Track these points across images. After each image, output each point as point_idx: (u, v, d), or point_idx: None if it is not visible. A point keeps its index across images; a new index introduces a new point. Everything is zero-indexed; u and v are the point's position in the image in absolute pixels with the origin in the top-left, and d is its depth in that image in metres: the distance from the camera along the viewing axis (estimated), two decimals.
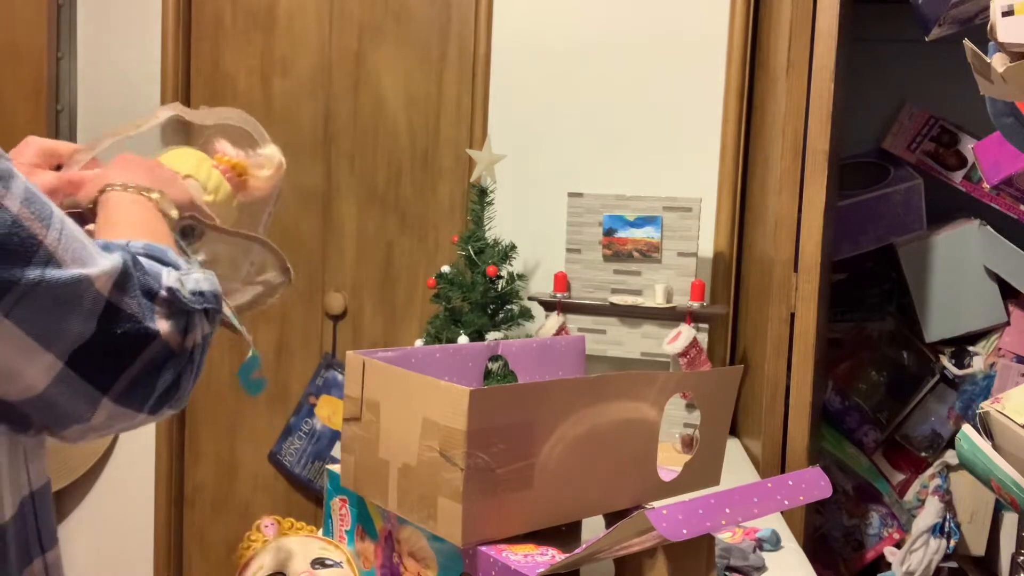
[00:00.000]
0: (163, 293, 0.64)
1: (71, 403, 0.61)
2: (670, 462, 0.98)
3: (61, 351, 0.59)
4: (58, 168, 0.88)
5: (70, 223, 0.61)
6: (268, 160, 0.99)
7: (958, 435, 1.10)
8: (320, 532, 1.04)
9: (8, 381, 0.59)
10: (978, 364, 1.97)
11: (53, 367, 0.59)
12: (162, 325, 0.64)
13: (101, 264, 0.61)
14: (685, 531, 0.67)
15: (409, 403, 0.82)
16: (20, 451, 0.65)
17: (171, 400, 0.66)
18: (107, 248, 0.64)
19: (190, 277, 0.68)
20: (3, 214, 0.56)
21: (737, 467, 1.64)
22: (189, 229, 0.90)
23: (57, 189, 0.84)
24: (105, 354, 0.61)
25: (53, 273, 0.58)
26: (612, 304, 1.75)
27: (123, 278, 0.62)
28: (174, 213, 0.81)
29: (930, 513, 1.87)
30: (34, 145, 0.86)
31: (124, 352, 0.62)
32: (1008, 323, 1.98)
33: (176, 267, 0.68)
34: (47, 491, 0.70)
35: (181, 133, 0.99)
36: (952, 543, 1.85)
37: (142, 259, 0.65)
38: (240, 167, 0.97)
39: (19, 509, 0.65)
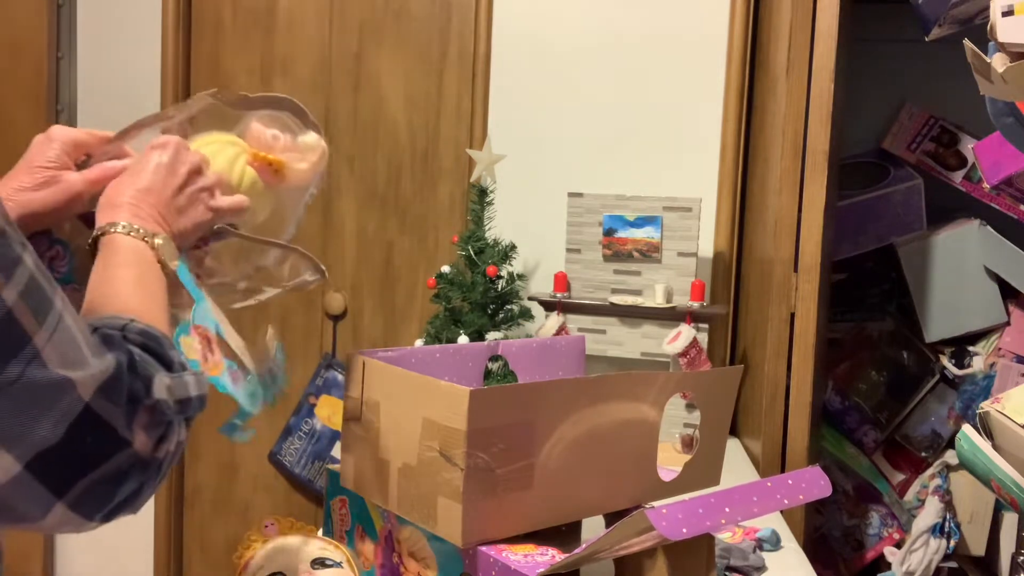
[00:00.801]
0: (147, 402, 0.60)
1: (23, 504, 0.56)
2: (670, 462, 0.98)
3: (21, 454, 0.54)
4: (87, 158, 0.85)
5: (70, 317, 0.57)
6: (309, 149, 0.96)
7: (958, 435, 1.10)
8: (320, 532, 1.04)
9: None
10: (978, 364, 1.97)
11: (10, 469, 0.54)
12: (138, 435, 0.59)
13: (91, 367, 0.57)
14: (685, 531, 0.67)
15: (409, 403, 0.82)
16: None
17: (128, 508, 0.62)
18: (107, 344, 0.60)
19: (181, 381, 0.64)
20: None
21: (737, 467, 1.64)
22: (215, 234, 0.89)
23: (83, 193, 0.82)
24: (68, 460, 0.56)
25: (34, 372, 0.54)
26: (612, 304, 1.75)
27: (111, 383, 0.58)
28: (173, 266, 0.78)
29: (930, 513, 1.87)
30: (59, 140, 0.82)
31: (88, 460, 0.57)
32: (1008, 323, 1.98)
33: (169, 367, 0.64)
34: None
35: (216, 117, 0.95)
36: (952, 543, 1.85)
37: (138, 358, 0.61)
38: (277, 164, 0.94)
39: None
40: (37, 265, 0.56)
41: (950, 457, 1.95)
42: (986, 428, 1.06)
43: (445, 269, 1.86)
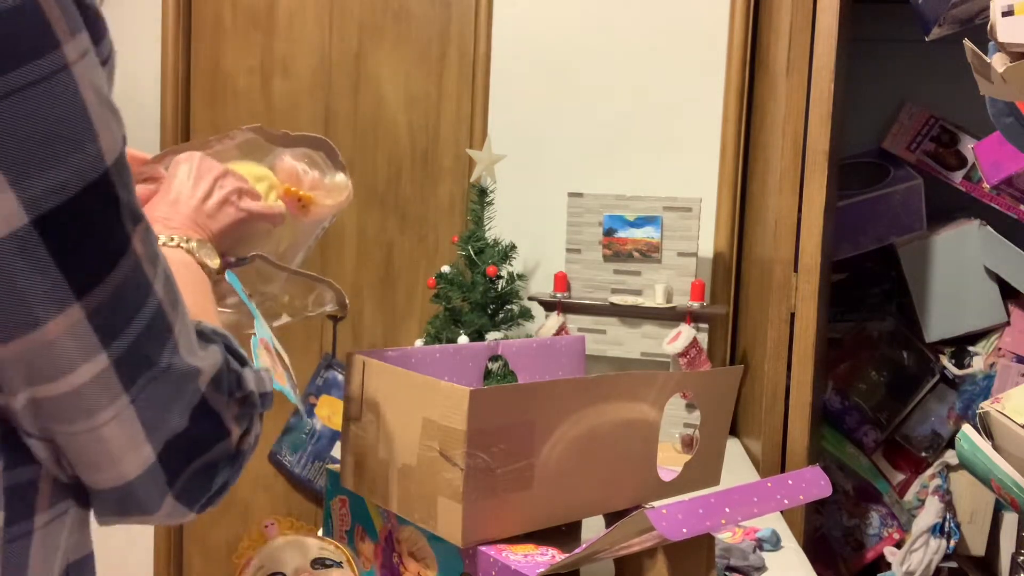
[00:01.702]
0: (240, 394, 0.61)
1: (147, 495, 0.56)
2: (670, 462, 0.98)
3: (157, 443, 0.55)
4: None
5: (187, 311, 0.58)
6: (336, 190, 0.98)
7: (958, 435, 1.10)
8: (320, 532, 1.04)
9: (102, 470, 0.54)
10: (978, 364, 1.97)
11: (147, 460, 0.55)
12: (231, 426, 0.61)
13: (208, 358, 0.58)
14: (685, 531, 0.67)
15: (409, 403, 0.82)
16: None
17: (218, 499, 0.63)
18: (207, 339, 0.60)
19: (261, 377, 0.65)
20: (153, 297, 0.53)
21: (737, 467, 1.64)
22: (239, 260, 0.90)
23: None
24: (184, 450, 0.57)
25: (177, 361, 0.55)
26: (612, 304, 1.75)
27: (220, 374, 0.59)
28: (214, 264, 0.79)
29: (930, 513, 1.87)
30: None
31: (198, 450, 0.58)
32: (1008, 323, 1.98)
33: (244, 362, 0.65)
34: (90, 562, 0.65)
35: (251, 149, 0.97)
36: (952, 543, 1.86)
37: (229, 354, 0.62)
38: (306, 199, 0.95)
39: None
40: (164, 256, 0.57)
41: (950, 457, 1.95)
42: (986, 428, 1.06)
43: (445, 269, 1.86)
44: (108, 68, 0.52)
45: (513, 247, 1.85)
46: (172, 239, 0.77)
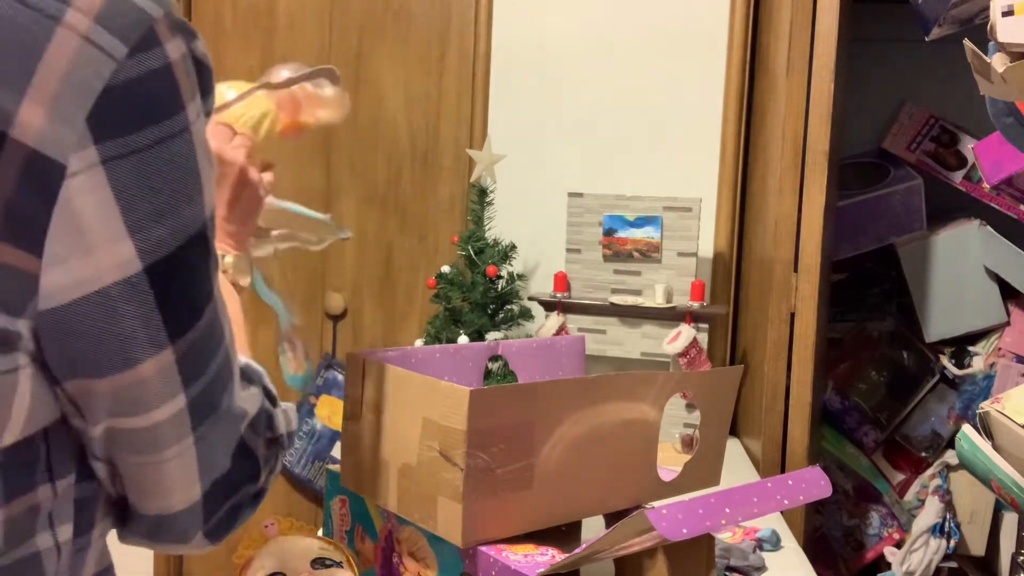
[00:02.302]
0: (270, 435, 0.63)
1: (184, 528, 0.58)
2: (670, 462, 0.98)
3: (207, 482, 0.56)
4: None
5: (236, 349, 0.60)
6: (332, 102, 0.96)
7: (958, 435, 1.10)
8: (320, 532, 1.04)
9: (153, 498, 0.56)
10: (978, 364, 1.97)
11: (195, 497, 0.56)
12: (263, 466, 0.62)
13: (249, 400, 0.60)
14: (685, 531, 0.67)
15: (409, 403, 0.82)
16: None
17: (231, 533, 0.64)
18: (248, 380, 0.62)
19: (288, 415, 0.67)
20: (224, 343, 0.55)
21: (737, 467, 1.64)
22: None
23: None
24: (224, 491, 0.58)
25: (233, 404, 0.57)
26: (612, 304, 1.75)
27: (257, 419, 0.61)
28: (245, 283, 0.80)
29: (930, 513, 1.87)
30: None
31: (234, 489, 0.59)
32: (1008, 323, 1.98)
33: (274, 403, 0.66)
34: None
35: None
36: (952, 543, 1.85)
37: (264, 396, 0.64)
38: (305, 125, 0.93)
39: None
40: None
41: (950, 457, 1.95)
42: (986, 428, 1.06)
43: (445, 269, 1.86)
44: (209, 120, 0.55)
45: (513, 247, 1.84)
46: None
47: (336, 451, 2.19)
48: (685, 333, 1.67)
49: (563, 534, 0.89)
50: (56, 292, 0.47)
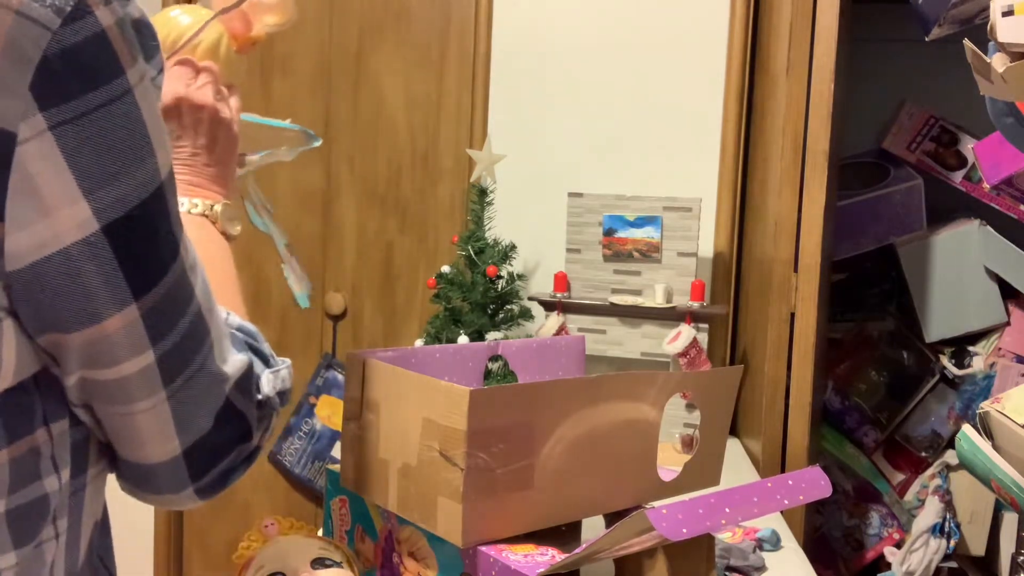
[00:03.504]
0: (259, 397, 0.64)
1: (167, 480, 0.61)
2: (670, 462, 0.98)
3: (184, 440, 0.59)
4: None
5: (218, 312, 0.61)
6: (277, 5, 0.94)
7: (958, 435, 1.10)
8: (320, 532, 1.04)
9: (132, 447, 0.59)
10: (978, 364, 1.97)
11: (173, 452, 0.59)
12: (255, 427, 0.64)
13: (234, 364, 0.61)
14: (685, 531, 0.67)
15: (409, 403, 0.82)
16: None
17: (225, 489, 0.66)
18: (236, 342, 0.64)
19: (280, 376, 0.67)
20: (195, 303, 0.57)
21: (737, 467, 1.64)
22: None
23: None
24: (211, 449, 0.61)
25: (210, 364, 0.59)
26: (612, 304, 1.75)
27: (245, 378, 0.62)
28: (235, 231, 0.80)
29: (930, 513, 1.87)
30: None
31: (224, 449, 0.62)
32: (1008, 323, 1.98)
33: (267, 363, 0.68)
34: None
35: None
36: (952, 543, 1.85)
37: (252, 357, 0.65)
38: (258, 39, 0.92)
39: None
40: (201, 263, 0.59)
41: (950, 457, 1.95)
42: (986, 428, 1.06)
43: (445, 269, 1.86)
44: (159, 81, 0.56)
45: (513, 247, 1.84)
46: (196, 205, 0.78)
47: (336, 451, 2.19)
48: (685, 333, 1.67)
49: (563, 534, 0.89)
50: (21, 254, 0.49)
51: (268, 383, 0.65)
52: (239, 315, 0.69)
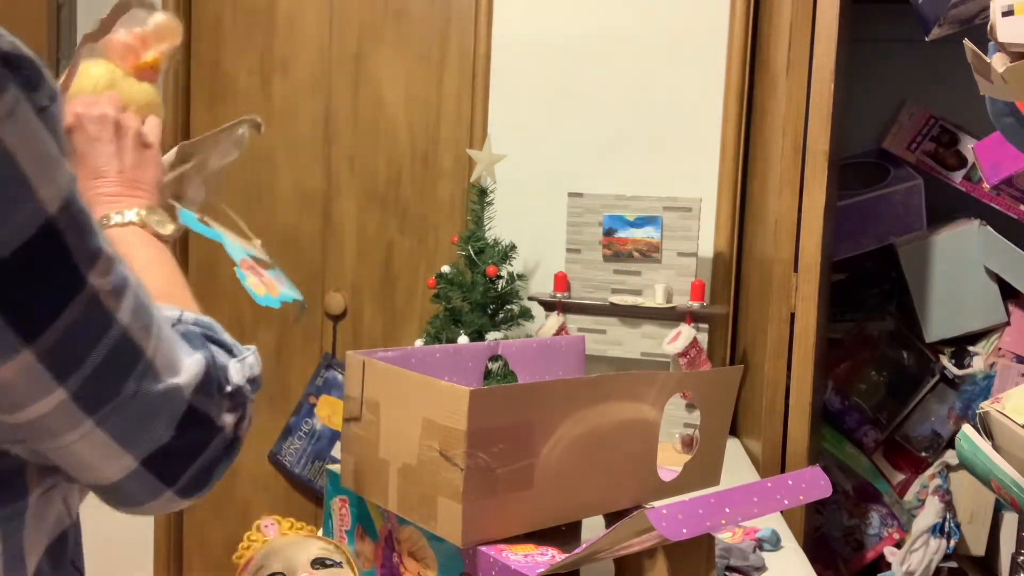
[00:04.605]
0: (229, 389, 0.64)
1: (137, 492, 0.60)
2: (670, 462, 0.98)
3: (139, 454, 0.58)
4: None
5: (166, 324, 0.60)
6: (166, 30, 0.95)
7: (958, 435, 1.10)
8: (320, 532, 1.04)
9: (83, 472, 0.58)
10: (978, 364, 1.97)
11: (129, 467, 0.58)
12: (226, 419, 0.63)
13: (188, 370, 0.60)
14: (685, 531, 0.67)
15: (409, 403, 0.82)
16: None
17: (213, 484, 0.65)
18: (191, 344, 0.62)
19: (247, 363, 0.67)
20: (115, 329, 0.55)
21: (737, 467, 1.64)
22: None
23: None
24: (177, 455, 0.60)
25: (149, 385, 0.57)
26: (612, 304, 1.75)
27: (205, 381, 0.61)
28: (168, 231, 0.79)
29: (930, 513, 1.87)
30: None
31: (194, 451, 0.61)
32: (1008, 323, 1.98)
33: (231, 352, 0.67)
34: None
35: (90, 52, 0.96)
36: (952, 543, 1.85)
37: (214, 350, 0.64)
38: (154, 62, 0.92)
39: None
40: (136, 278, 0.58)
41: (950, 457, 1.95)
42: (986, 428, 1.06)
43: (445, 269, 1.86)
44: (52, 111, 0.52)
45: (513, 247, 1.84)
46: (122, 215, 0.77)
47: (336, 451, 2.19)
48: (685, 333, 1.67)
49: (563, 534, 0.89)
50: None
51: (237, 372, 0.65)
52: (192, 312, 0.68)
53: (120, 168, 0.81)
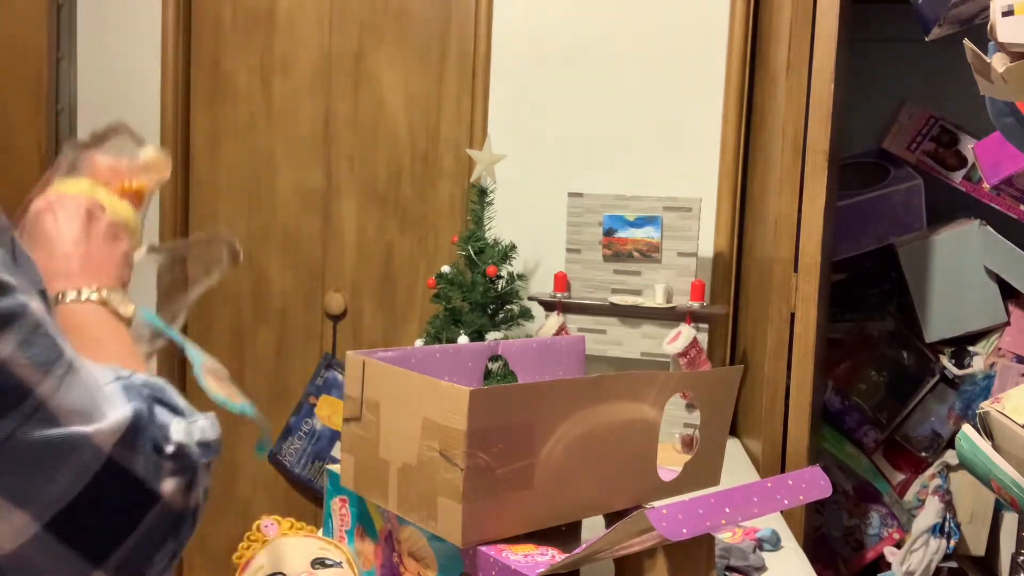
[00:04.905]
0: (170, 449, 0.58)
1: (54, 571, 0.53)
2: (670, 462, 0.98)
3: (37, 512, 0.51)
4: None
5: (86, 370, 0.55)
6: (154, 164, 0.97)
7: (958, 435, 1.10)
8: (320, 532, 1.04)
9: None
10: (978, 364, 1.97)
11: (26, 529, 0.51)
12: (166, 485, 0.57)
13: (108, 418, 0.54)
14: (685, 531, 0.67)
15: (409, 403, 0.82)
16: None
17: (171, 567, 0.59)
18: (127, 393, 0.58)
19: (196, 426, 0.62)
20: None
21: (737, 467, 1.64)
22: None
23: None
24: (98, 519, 0.53)
25: (37, 429, 0.51)
26: (612, 304, 1.75)
27: (132, 433, 0.55)
28: (128, 312, 0.77)
29: (930, 513, 1.87)
30: None
31: (121, 518, 0.55)
32: (1008, 323, 1.98)
33: (180, 412, 0.62)
34: None
35: (72, 166, 0.97)
36: (952, 543, 1.85)
37: (155, 406, 0.59)
38: (140, 188, 0.94)
39: None
40: (45, 315, 0.54)
41: (950, 457, 1.95)
42: (986, 428, 1.06)
43: (445, 269, 1.86)
44: None
45: (513, 247, 1.85)
46: (81, 292, 0.75)
47: (336, 451, 2.19)
48: (685, 333, 1.67)
49: (563, 534, 0.89)
50: None
51: (181, 432, 0.60)
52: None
53: (86, 252, 0.80)
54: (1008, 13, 0.85)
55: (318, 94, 2.20)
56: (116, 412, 0.55)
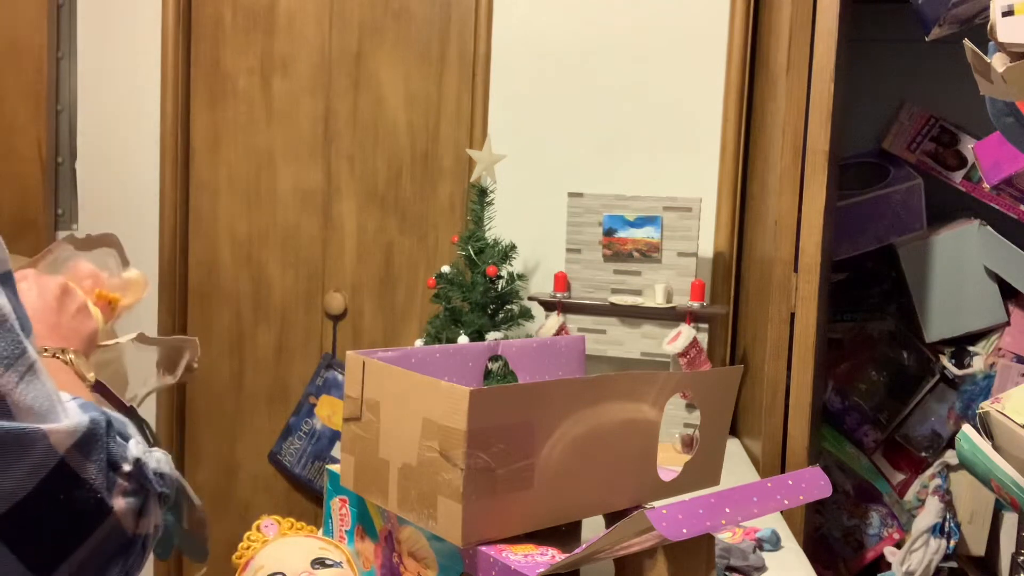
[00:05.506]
0: (127, 467, 0.57)
1: None
2: (670, 462, 0.98)
3: None
4: None
5: (48, 376, 0.55)
6: (134, 286, 1.00)
7: (958, 435, 1.10)
8: (320, 532, 1.04)
9: None
10: (978, 364, 1.97)
11: None
12: (118, 502, 0.56)
13: (66, 422, 0.54)
14: (685, 531, 0.67)
15: (409, 403, 0.82)
16: None
17: None
18: (83, 407, 0.57)
19: (153, 455, 0.61)
20: None
21: (737, 467, 1.64)
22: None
23: None
24: (46, 526, 0.52)
25: None
26: (612, 304, 1.75)
27: (88, 439, 0.54)
28: (91, 378, 0.78)
29: (930, 513, 1.87)
30: None
31: (70, 527, 0.53)
32: (1008, 323, 1.98)
33: (136, 441, 0.61)
34: None
35: (57, 262, 0.99)
36: (952, 543, 1.85)
37: (115, 422, 0.59)
38: (114, 300, 0.97)
39: None
40: (11, 312, 0.53)
41: (950, 457, 1.95)
42: (986, 428, 1.06)
43: (445, 269, 1.86)
44: None
45: (513, 247, 1.84)
46: (46, 350, 0.77)
47: (336, 451, 2.19)
48: (685, 333, 1.67)
49: (563, 534, 0.89)
50: None
51: (139, 451, 0.59)
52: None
53: (56, 322, 0.82)
54: (1008, 13, 0.85)
55: (318, 94, 2.20)
56: (73, 419, 0.55)
